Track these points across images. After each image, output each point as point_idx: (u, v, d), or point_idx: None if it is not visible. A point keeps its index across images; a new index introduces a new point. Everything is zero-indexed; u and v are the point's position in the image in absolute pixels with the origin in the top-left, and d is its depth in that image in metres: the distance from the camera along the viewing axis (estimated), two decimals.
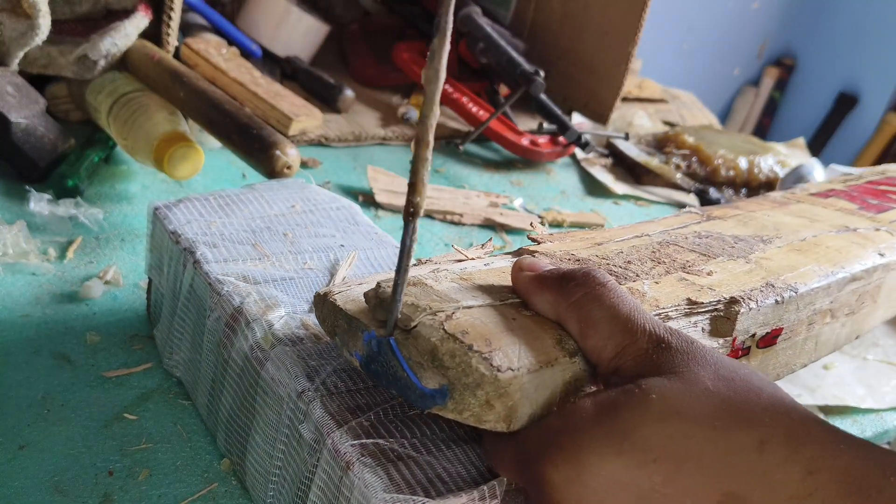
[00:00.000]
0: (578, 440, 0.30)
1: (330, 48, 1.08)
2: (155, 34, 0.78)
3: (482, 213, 0.81)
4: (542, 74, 0.96)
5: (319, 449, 0.35)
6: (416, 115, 0.97)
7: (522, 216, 0.83)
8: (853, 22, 2.53)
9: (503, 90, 1.05)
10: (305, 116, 0.85)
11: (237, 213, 0.51)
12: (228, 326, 0.42)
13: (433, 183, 0.86)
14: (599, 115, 1.10)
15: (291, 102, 0.86)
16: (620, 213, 0.92)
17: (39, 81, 0.74)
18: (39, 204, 0.63)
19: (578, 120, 1.09)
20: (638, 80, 1.33)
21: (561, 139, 0.98)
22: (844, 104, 2.57)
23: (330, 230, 0.51)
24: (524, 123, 1.01)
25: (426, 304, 0.33)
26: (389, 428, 0.35)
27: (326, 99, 0.95)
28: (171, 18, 0.78)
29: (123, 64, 0.75)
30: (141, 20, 0.76)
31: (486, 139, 0.99)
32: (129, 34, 0.74)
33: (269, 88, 0.86)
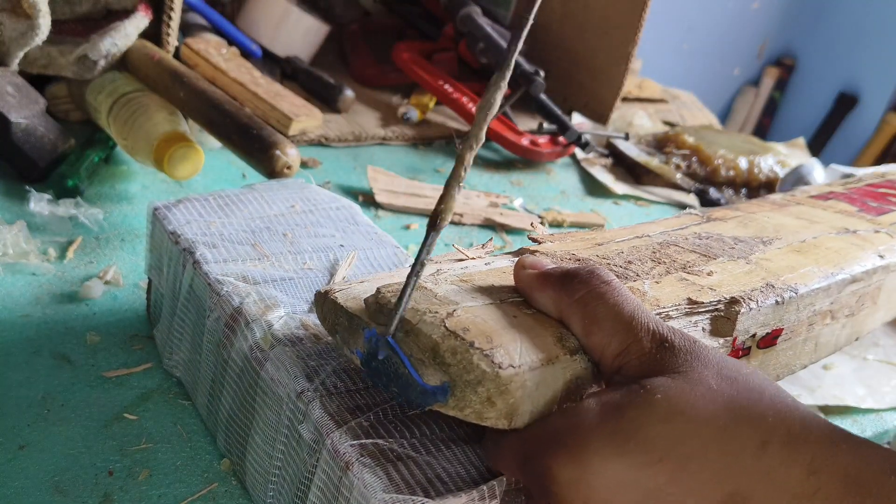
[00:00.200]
0: (583, 440, 0.30)
1: (330, 48, 1.08)
2: (155, 34, 0.78)
3: (482, 213, 0.81)
4: (542, 74, 0.96)
5: (319, 449, 0.35)
6: (415, 114, 0.97)
7: (522, 216, 0.83)
8: (853, 22, 2.53)
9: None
10: (305, 116, 0.85)
11: (236, 213, 0.51)
12: (228, 327, 0.42)
13: (433, 183, 0.86)
14: (599, 115, 1.10)
15: (291, 102, 0.86)
16: (620, 213, 0.92)
17: (39, 81, 0.74)
18: (39, 204, 0.63)
19: (578, 120, 1.09)
20: (638, 80, 1.32)
21: (561, 139, 0.98)
22: (844, 104, 2.57)
23: (329, 230, 0.51)
24: (524, 123, 1.01)
25: (426, 307, 0.33)
26: (389, 428, 0.35)
27: (326, 99, 0.95)
28: (171, 18, 0.78)
29: (123, 64, 0.75)
30: (141, 20, 0.76)
31: (486, 139, 0.99)
32: (129, 34, 0.74)
33: (269, 88, 0.86)
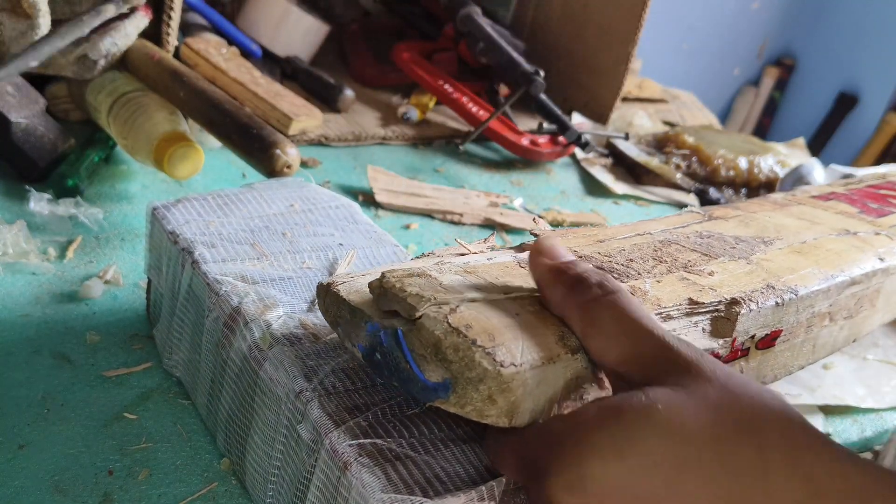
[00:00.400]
0: (581, 444, 0.30)
1: (330, 48, 1.08)
2: (155, 34, 0.78)
3: (482, 212, 0.81)
4: (542, 74, 0.96)
5: (317, 449, 0.35)
6: (415, 114, 0.97)
7: (522, 216, 0.83)
8: (853, 22, 2.53)
9: (503, 90, 1.05)
10: (305, 116, 0.85)
11: (235, 212, 0.51)
12: (227, 326, 0.42)
13: (433, 182, 0.86)
14: (599, 115, 1.10)
15: (291, 102, 0.86)
16: (620, 213, 0.92)
17: (39, 81, 0.74)
18: (39, 204, 0.63)
19: (578, 120, 1.09)
20: (638, 80, 1.32)
21: (561, 139, 0.98)
22: (844, 104, 2.57)
23: (329, 229, 0.51)
24: (524, 123, 1.01)
25: (431, 294, 0.33)
26: (387, 428, 0.35)
27: (326, 99, 0.95)
28: (171, 18, 0.78)
29: (123, 64, 0.75)
30: (141, 20, 0.75)
31: (486, 139, 0.99)
32: (129, 34, 0.74)
33: (269, 88, 0.86)
